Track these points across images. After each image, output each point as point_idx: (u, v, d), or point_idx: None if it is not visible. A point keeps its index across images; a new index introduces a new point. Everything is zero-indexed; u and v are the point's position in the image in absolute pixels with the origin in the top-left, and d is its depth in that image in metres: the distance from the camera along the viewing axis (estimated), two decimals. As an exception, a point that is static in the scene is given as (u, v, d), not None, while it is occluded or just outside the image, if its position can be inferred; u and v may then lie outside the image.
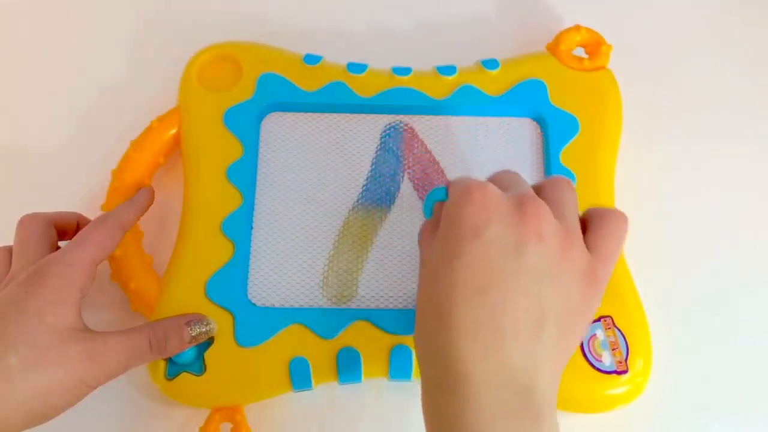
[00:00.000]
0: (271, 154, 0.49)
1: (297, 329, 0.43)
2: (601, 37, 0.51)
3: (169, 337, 0.41)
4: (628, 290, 0.45)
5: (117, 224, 0.42)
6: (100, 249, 0.41)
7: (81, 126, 0.52)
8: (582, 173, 0.47)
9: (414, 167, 0.49)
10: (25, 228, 0.42)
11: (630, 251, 0.46)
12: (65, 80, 0.54)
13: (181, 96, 0.49)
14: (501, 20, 0.56)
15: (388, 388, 0.45)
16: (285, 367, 0.43)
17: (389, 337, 0.43)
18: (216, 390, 0.43)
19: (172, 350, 0.42)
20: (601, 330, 0.43)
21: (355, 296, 0.45)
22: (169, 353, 0.42)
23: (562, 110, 0.49)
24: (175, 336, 0.41)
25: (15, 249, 0.41)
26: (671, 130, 0.52)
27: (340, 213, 0.47)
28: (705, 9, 0.57)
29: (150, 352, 0.40)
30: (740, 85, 0.54)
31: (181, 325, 0.42)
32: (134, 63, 0.55)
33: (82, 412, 0.44)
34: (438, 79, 0.50)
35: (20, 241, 0.41)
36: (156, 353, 0.41)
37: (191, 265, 0.45)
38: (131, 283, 0.45)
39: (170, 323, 0.42)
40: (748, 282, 0.48)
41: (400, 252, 0.46)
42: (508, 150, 0.49)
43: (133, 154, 0.48)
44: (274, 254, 0.46)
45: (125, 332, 0.40)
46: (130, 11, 0.57)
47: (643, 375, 0.43)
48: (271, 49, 0.51)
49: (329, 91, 0.49)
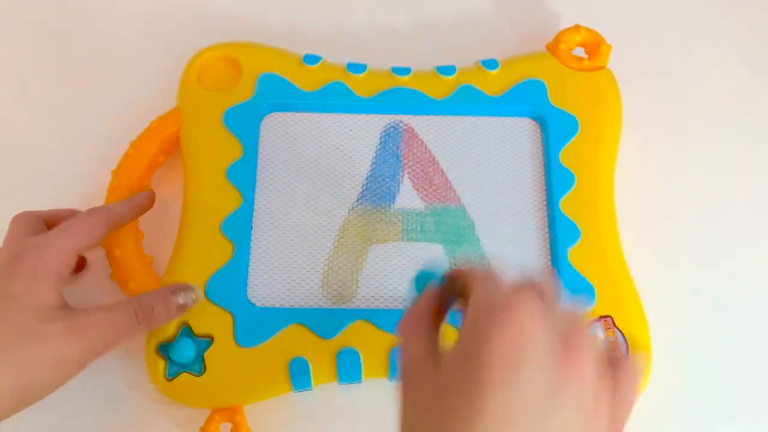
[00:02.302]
0: (271, 154, 0.49)
1: (297, 329, 0.43)
2: (600, 36, 0.51)
3: (155, 306, 0.41)
4: (628, 290, 0.45)
5: (105, 216, 0.42)
6: (81, 237, 0.41)
7: (81, 126, 0.52)
8: (582, 173, 0.47)
9: (414, 167, 0.49)
10: (16, 223, 0.42)
11: (630, 251, 0.46)
12: (65, 80, 0.54)
13: (181, 96, 0.49)
14: (501, 20, 0.56)
15: (388, 388, 0.45)
16: (285, 367, 0.43)
17: (389, 337, 0.43)
18: (216, 390, 0.43)
19: (160, 319, 0.41)
20: (601, 330, 0.43)
21: (355, 296, 0.45)
22: (156, 323, 0.41)
23: (561, 110, 0.49)
24: (162, 305, 0.41)
25: (3, 243, 0.42)
26: (671, 129, 0.52)
27: (340, 213, 0.47)
28: (705, 9, 0.57)
29: (136, 324, 0.40)
30: (740, 85, 0.54)
31: (167, 294, 0.42)
32: (134, 63, 0.55)
33: (82, 412, 0.44)
34: (438, 79, 0.50)
35: (9, 236, 0.42)
36: (144, 325, 0.40)
37: (191, 265, 0.45)
38: (131, 283, 0.45)
39: (155, 293, 0.42)
40: (748, 282, 0.48)
41: (400, 252, 0.46)
42: (507, 150, 0.49)
43: (133, 154, 0.48)
44: (274, 254, 0.46)
45: (109, 307, 0.40)
46: (130, 11, 0.57)
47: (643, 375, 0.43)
48: (271, 49, 0.51)
49: (329, 91, 0.50)
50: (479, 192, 0.48)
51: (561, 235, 0.46)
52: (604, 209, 0.47)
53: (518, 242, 0.47)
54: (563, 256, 0.45)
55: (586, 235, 0.45)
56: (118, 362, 0.45)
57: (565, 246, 0.45)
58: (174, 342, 0.43)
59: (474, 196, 0.48)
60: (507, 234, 0.47)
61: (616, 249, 0.46)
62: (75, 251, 0.40)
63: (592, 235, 0.46)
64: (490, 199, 0.48)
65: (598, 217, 0.46)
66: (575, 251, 0.45)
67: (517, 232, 0.47)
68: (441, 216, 0.47)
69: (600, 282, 0.44)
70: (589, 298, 0.44)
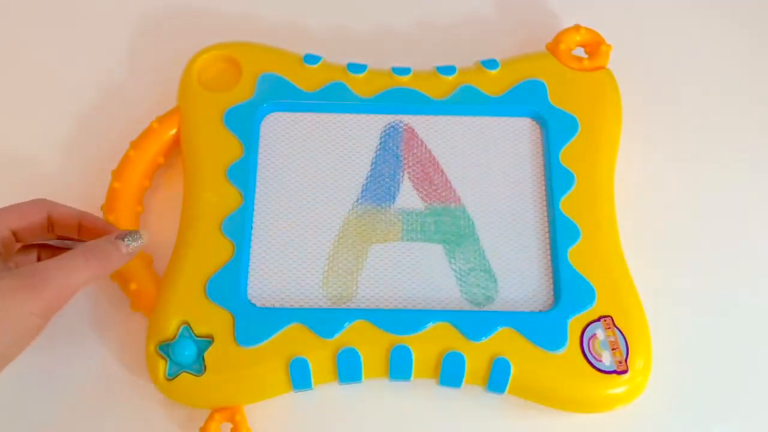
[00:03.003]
0: (271, 154, 0.49)
1: (297, 329, 0.43)
2: (600, 37, 0.51)
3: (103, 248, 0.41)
4: (628, 290, 0.45)
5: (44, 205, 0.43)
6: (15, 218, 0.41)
7: (81, 126, 0.52)
8: (581, 173, 0.47)
9: (414, 167, 0.49)
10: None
11: (630, 251, 0.46)
12: (65, 80, 0.54)
13: (181, 96, 0.49)
14: (501, 20, 0.56)
15: (388, 388, 0.45)
16: (285, 367, 0.43)
17: (389, 337, 0.43)
18: (216, 390, 0.43)
19: (111, 261, 0.41)
20: (601, 330, 0.43)
21: (355, 296, 0.45)
22: (108, 265, 0.41)
23: (561, 110, 0.49)
24: (112, 247, 0.41)
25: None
26: (671, 129, 0.52)
27: (340, 213, 0.47)
28: (705, 9, 0.57)
29: (87, 267, 0.40)
30: (741, 85, 0.54)
31: (113, 239, 0.41)
32: (134, 63, 0.55)
33: (81, 412, 0.44)
34: (438, 79, 0.50)
35: None
36: (95, 267, 0.40)
37: (191, 265, 0.45)
38: (131, 284, 0.45)
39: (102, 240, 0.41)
40: (748, 282, 0.48)
41: (400, 252, 0.46)
42: (507, 150, 0.49)
43: (133, 154, 0.48)
44: (274, 254, 0.46)
45: (57, 257, 0.40)
46: (130, 11, 0.57)
47: (643, 375, 0.43)
48: (271, 49, 0.51)
49: (329, 91, 0.50)
50: (479, 192, 0.48)
51: (561, 235, 0.46)
52: (604, 209, 0.47)
53: (518, 242, 0.47)
54: (563, 256, 0.45)
55: (586, 236, 0.46)
56: (117, 362, 0.46)
57: (565, 246, 0.45)
58: (174, 342, 0.43)
59: (474, 196, 0.48)
60: (507, 234, 0.47)
61: (616, 249, 0.46)
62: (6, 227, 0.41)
63: (592, 235, 0.46)
64: (490, 199, 0.48)
65: (598, 217, 0.46)
66: (575, 251, 0.45)
67: (516, 232, 0.47)
68: (441, 216, 0.47)
69: (600, 282, 0.44)
70: (589, 298, 0.44)
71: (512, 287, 0.45)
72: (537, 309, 0.45)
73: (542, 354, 0.43)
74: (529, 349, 0.43)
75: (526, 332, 0.43)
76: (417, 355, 0.43)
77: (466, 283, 0.46)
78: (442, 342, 0.43)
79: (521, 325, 0.43)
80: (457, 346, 0.43)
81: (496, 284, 0.46)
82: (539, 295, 0.45)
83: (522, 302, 0.45)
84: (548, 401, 0.43)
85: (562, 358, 0.43)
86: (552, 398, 0.43)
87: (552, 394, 0.43)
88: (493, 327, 0.43)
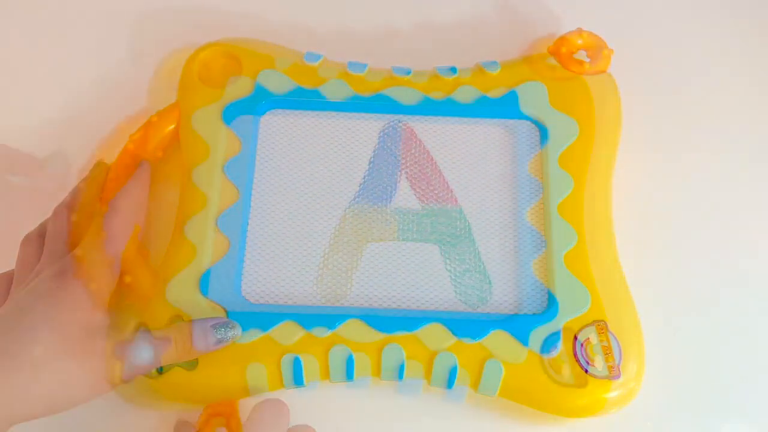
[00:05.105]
0: (269, 152, 0.49)
1: (290, 326, 0.43)
2: (602, 41, 0.51)
3: (194, 336, 0.41)
4: (623, 295, 0.45)
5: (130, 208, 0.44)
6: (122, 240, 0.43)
7: (80, 122, 0.52)
8: (579, 177, 0.47)
9: (412, 167, 0.49)
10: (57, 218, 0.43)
11: (626, 255, 0.46)
12: (64, 76, 0.54)
13: (181, 92, 0.50)
14: (502, 22, 0.56)
15: (387, 388, 0.45)
16: (277, 364, 0.43)
17: (381, 336, 0.43)
18: (208, 387, 0.43)
19: (199, 351, 0.42)
20: (594, 334, 0.43)
21: (349, 295, 0.45)
22: (195, 353, 0.42)
23: (561, 113, 0.49)
24: (200, 338, 0.42)
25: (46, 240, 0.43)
26: (671, 135, 0.52)
27: (336, 211, 0.47)
28: (707, 14, 0.56)
29: (174, 351, 0.41)
30: (742, 91, 0.54)
31: (207, 327, 0.42)
32: (134, 58, 0.55)
33: (77, 411, 0.44)
34: (438, 79, 0.50)
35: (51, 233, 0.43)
36: (180, 354, 0.41)
37: (186, 260, 0.45)
38: (126, 277, 0.45)
39: (197, 324, 0.42)
40: (746, 285, 0.48)
41: (396, 251, 0.46)
42: (505, 152, 0.49)
43: (132, 148, 0.48)
44: (269, 251, 0.46)
45: (154, 333, 0.41)
46: (130, 7, 0.57)
47: (636, 380, 0.43)
48: (272, 46, 0.51)
49: (329, 89, 0.49)
50: (476, 194, 0.48)
51: (556, 238, 0.45)
52: (601, 213, 0.46)
53: (513, 245, 0.46)
54: (558, 259, 0.45)
55: (581, 240, 0.45)
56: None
57: (560, 250, 0.45)
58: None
59: (471, 197, 0.48)
60: (502, 236, 0.47)
61: (611, 254, 0.46)
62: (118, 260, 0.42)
63: (588, 239, 0.45)
64: (487, 201, 0.48)
65: (594, 222, 0.46)
66: (570, 255, 0.45)
67: (512, 234, 0.47)
68: (437, 216, 0.47)
69: (594, 286, 0.44)
70: (583, 302, 0.44)
71: (506, 289, 0.45)
72: (531, 312, 0.45)
73: (534, 357, 0.43)
74: (521, 352, 0.43)
75: (518, 335, 0.43)
76: (409, 355, 0.43)
77: (461, 285, 0.45)
78: (434, 343, 0.43)
79: (514, 327, 0.43)
80: (449, 347, 0.43)
81: (490, 286, 0.45)
82: (533, 298, 0.45)
83: (516, 305, 0.45)
84: (539, 405, 0.43)
85: (554, 361, 0.43)
86: (543, 402, 0.43)
87: (543, 398, 0.43)
88: (486, 329, 0.43)
